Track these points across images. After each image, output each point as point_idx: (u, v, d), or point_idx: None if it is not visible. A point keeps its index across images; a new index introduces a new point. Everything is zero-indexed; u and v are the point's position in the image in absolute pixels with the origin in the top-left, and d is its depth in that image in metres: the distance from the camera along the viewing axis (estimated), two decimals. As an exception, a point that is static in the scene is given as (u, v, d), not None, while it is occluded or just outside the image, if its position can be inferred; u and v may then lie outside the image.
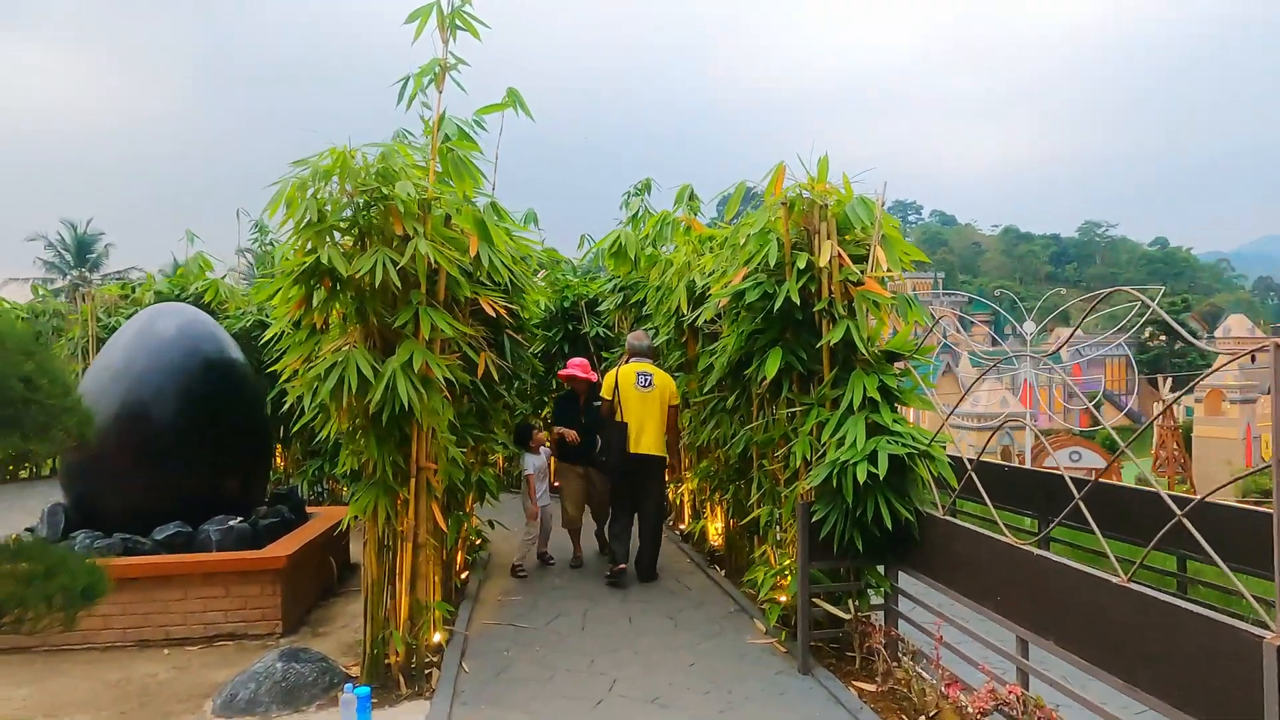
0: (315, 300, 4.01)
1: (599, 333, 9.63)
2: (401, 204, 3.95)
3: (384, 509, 4.11)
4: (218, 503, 5.58)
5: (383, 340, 4.14)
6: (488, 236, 4.34)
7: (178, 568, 4.93)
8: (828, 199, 4.63)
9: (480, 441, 5.67)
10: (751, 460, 5.54)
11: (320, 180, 3.93)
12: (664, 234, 6.92)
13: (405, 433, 4.15)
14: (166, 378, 5.48)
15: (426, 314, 3.98)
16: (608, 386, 6.18)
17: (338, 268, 3.76)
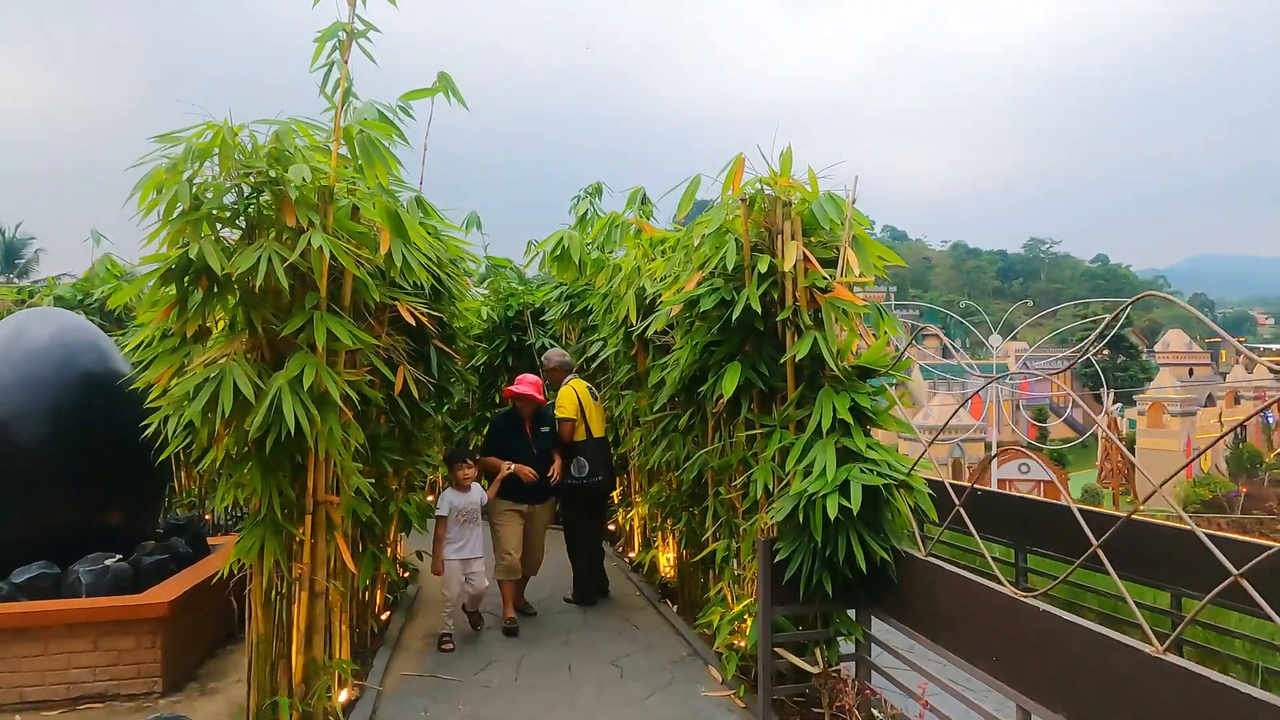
0: (190, 304, 3.35)
1: (545, 344, 9.01)
2: (295, 190, 3.33)
3: (273, 552, 3.46)
4: (95, 538, 4.84)
5: (273, 352, 3.50)
6: (403, 232, 3.74)
7: (34, 618, 4.19)
8: (791, 195, 4.14)
9: (403, 466, 5.04)
10: (707, 486, 5.00)
11: (195, 161, 3.29)
12: (613, 237, 6.37)
13: (299, 461, 3.51)
14: (34, 392, 4.73)
15: (322, 321, 3.35)
16: (571, 404, 5.84)
17: (212, 265, 3.12)
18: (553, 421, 5.68)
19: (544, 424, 5.67)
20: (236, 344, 3.30)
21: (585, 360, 7.29)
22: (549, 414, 5.72)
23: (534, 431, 5.62)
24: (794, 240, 3.93)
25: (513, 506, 5.49)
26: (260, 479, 3.32)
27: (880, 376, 3.82)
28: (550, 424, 5.67)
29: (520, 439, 5.54)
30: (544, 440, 5.64)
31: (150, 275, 3.23)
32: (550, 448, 5.63)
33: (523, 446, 5.53)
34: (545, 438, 5.64)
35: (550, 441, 5.65)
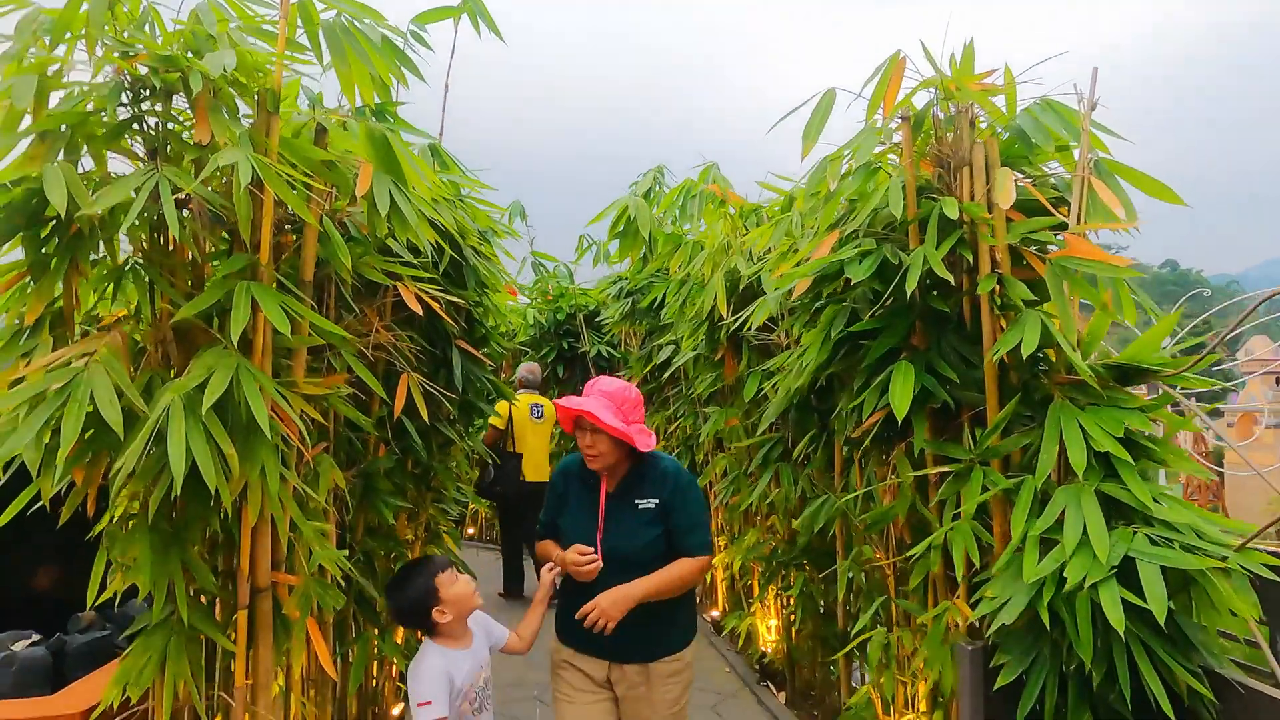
0: (50, 268, 2.07)
1: (601, 351, 7.69)
2: (202, 83, 2.03)
3: (181, 674, 2.14)
4: (14, 609, 3.62)
5: (182, 348, 2.20)
6: (394, 166, 2.42)
7: (-107, 737, 2.96)
8: (980, 105, 2.72)
9: (416, 514, 3.72)
10: (836, 540, 3.57)
11: (39, 34, 2.01)
12: (688, 210, 5.00)
13: (221, 527, 2.19)
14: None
15: (246, 295, 2.03)
16: (502, 418, 6.19)
17: (52, 200, 1.83)
18: (665, 487, 2.55)
19: (643, 487, 2.56)
20: (112, 336, 2.00)
21: (652, 370, 5.92)
22: (657, 471, 2.58)
23: (618, 499, 2.57)
24: (1000, 170, 2.51)
25: (577, 661, 2.58)
26: (150, 559, 2.00)
27: (1163, 382, 2.34)
28: (661, 492, 2.54)
29: (586, 506, 2.60)
30: (632, 519, 2.53)
31: (-34, 225, 1.94)
32: (649, 540, 2.51)
33: (586, 521, 2.58)
34: (637, 516, 2.53)
35: (650, 525, 2.52)
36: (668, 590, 2.47)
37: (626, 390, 2.57)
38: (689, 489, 2.58)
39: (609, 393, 2.54)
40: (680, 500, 2.54)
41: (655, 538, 2.51)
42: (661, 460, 2.63)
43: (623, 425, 2.46)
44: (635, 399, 2.58)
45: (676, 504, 2.53)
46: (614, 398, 2.53)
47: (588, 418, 2.47)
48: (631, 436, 2.47)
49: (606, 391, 2.55)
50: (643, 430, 2.55)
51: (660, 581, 2.46)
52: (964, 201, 2.60)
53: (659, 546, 2.51)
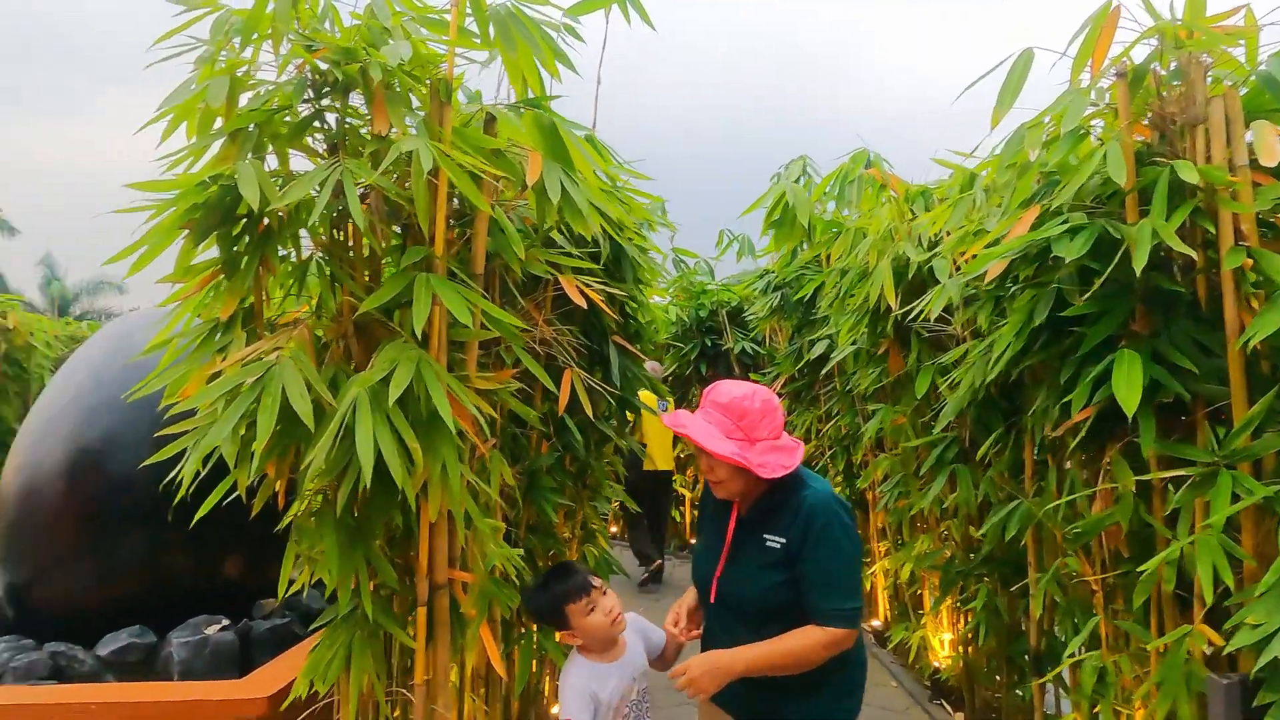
0: (243, 266, 2.11)
1: (745, 348, 7.50)
2: (382, 74, 2.01)
3: (365, 668, 2.14)
4: (204, 595, 3.84)
5: (362, 343, 2.20)
6: (563, 153, 2.34)
7: (105, 712, 3.16)
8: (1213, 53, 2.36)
9: (576, 510, 3.67)
10: (1027, 551, 3.24)
11: (232, 36, 2.05)
12: (845, 196, 4.74)
13: (402, 522, 2.18)
14: (131, 414, 3.80)
15: (427, 288, 2.00)
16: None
17: (246, 196, 1.84)
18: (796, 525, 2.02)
19: (773, 519, 2.06)
20: (300, 331, 2.01)
21: (805, 366, 5.68)
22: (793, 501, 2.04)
23: (748, 530, 2.11)
24: (1259, 124, 2.16)
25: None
26: (336, 554, 2.00)
27: None
28: (790, 530, 2.02)
29: (715, 533, 2.19)
30: (755, 557, 2.06)
31: (166, 223, 2.00)
32: (766, 588, 2.03)
33: (711, 552, 2.19)
34: (761, 555, 2.05)
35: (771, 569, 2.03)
36: (778, 667, 1.94)
37: (748, 399, 2.00)
38: (826, 532, 1.96)
39: (724, 405, 2.00)
40: (812, 546, 1.96)
41: (774, 585, 1.99)
42: (804, 487, 2.04)
43: (733, 450, 1.94)
44: (761, 409, 2.00)
45: (807, 550, 1.96)
46: (730, 410, 1.99)
47: (690, 442, 2.01)
48: (748, 463, 1.94)
49: (720, 404, 2.01)
50: (773, 448, 2.00)
51: (768, 655, 1.93)
52: (1199, 161, 2.26)
53: (780, 597, 1.99)
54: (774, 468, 1.97)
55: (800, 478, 2.06)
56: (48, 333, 9.83)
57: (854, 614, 1.97)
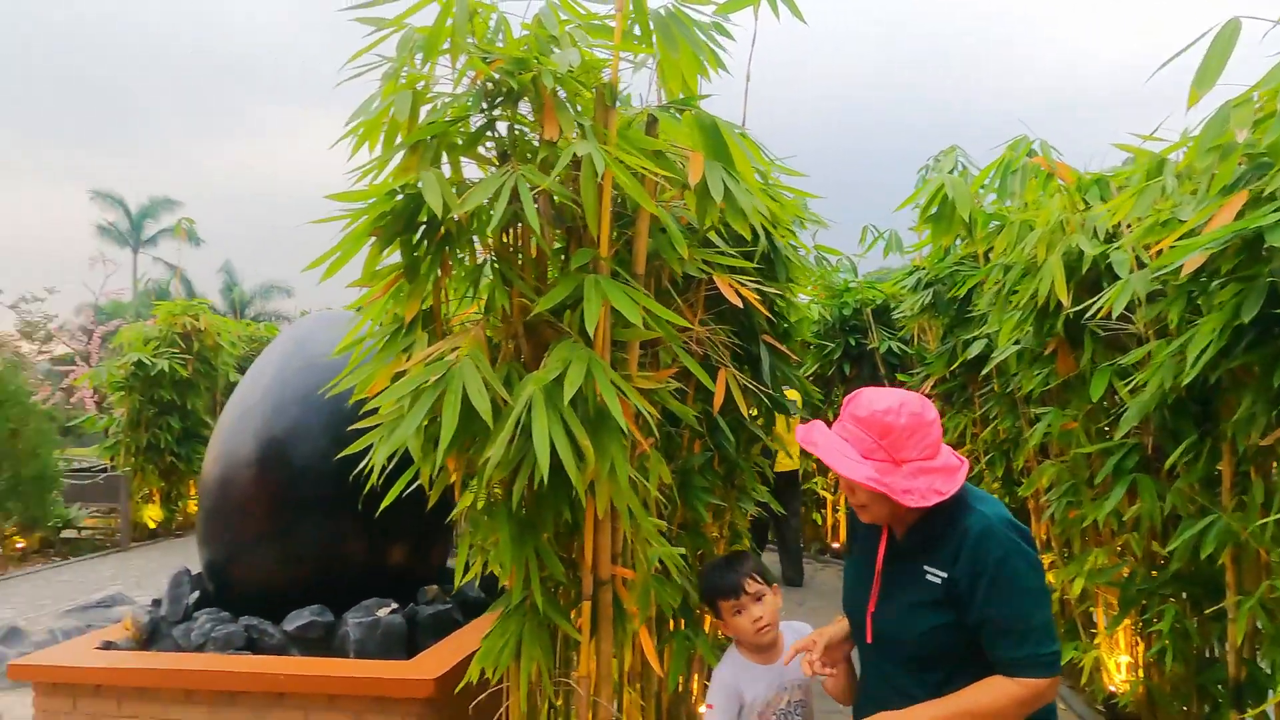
0: (421, 271, 2.24)
1: (892, 347, 7.26)
2: (554, 82, 2.07)
3: (535, 657, 2.21)
4: (374, 579, 4.09)
5: (530, 342, 2.28)
6: (724, 153, 2.33)
7: (293, 682, 3.44)
8: None
9: (724, 510, 3.65)
10: (1224, 571, 2.96)
11: (414, 53, 2.17)
12: (1007, 187, 4.48)
13: (570, 517, 2.23)
14: (311, 408, 4.11)
15: (597, 290, 2.04)
16: None
17: (430, 204, 1.95)
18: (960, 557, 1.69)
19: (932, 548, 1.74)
20: (475, 332, 2.10)
21: (959, 366, 5.43)
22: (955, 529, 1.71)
23: (903, 559, 1.79)
24: None
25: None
26: (510, 546, 2.08)
27: None
28: (951, 565, 1.70)
29: (865, 561, 1.88)
30: (912, 592, 1.75)
31: (358, 231, 2.14)
32: (925, 630, 1.72)
33: (860, 582, 1.89)
34: (918, 590, 1.74)
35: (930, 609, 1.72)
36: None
37: (892, 414, 1.68)
38: (1005, 567, 1.63)
39: (863, 419, 1.70)
40: (990, 587, 1.63)
41: (935, 629, 1.69)
42: (968, 512, 1.69)
43: (869, 474, 1.65)
44: (909, 425, 1.67)
45: (983, 592, 1.64)
46: (870, 426, 1.68)
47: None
48: (889, 489, 1.64)
49: (859, 418, 1.71)
50: (924, 470, 1.67)
51: (950, 714, 1.64)
52: None
53: (942, 641, 1.69)
54: (923, 494, 1.64)
55: (964, 500, 1.71)
56: (231, 333, 10.80)
57: (1053, 659, 1.63)
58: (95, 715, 3.65)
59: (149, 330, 10.00)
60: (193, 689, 3.53)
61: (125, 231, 31.38)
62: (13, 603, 7.04)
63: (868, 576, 1.83)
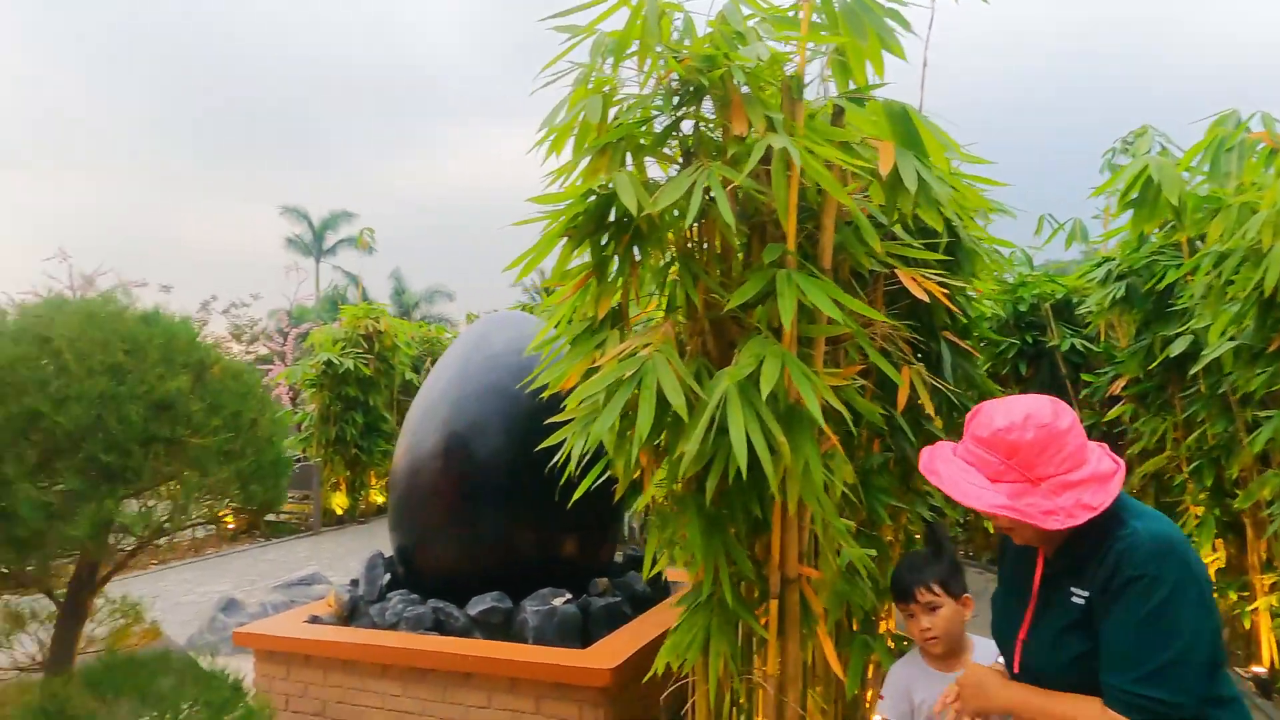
0: (608, 270, 2.30)
1: (1074, 345, 6.75)
2: (743, 77, 2.07)
3: (722, 652, 2.22)
4: (546, 569, 4.25)
5: (716, 338, 2.28)
6: (916, 142, 2.25)
7: (479, 664, 3.62)
8: None
9: (900, 512, 3.52)
10: None
11: (604, 57, 2.23)
12: (1220, 167, 4.05)
13: (759, 514, 2.22)
14: (491, 402, 4.32)
15: (790, 285, 2.01)
16: None
17: (624, 203, 1.99)
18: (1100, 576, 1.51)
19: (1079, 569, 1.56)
20: (665, 328, 2.14)
21: (1157, 366, 4.97)
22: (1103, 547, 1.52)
23: (1053, 583, 1.63)
24: None
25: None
26: (700, 540, 2.09)
27: None
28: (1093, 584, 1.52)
29: (1018, 586, 1.72)
30: (1058, 618, 1.59)
31: (553, 233, 2.23)
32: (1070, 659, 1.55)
33: (1012, 611, 1.72)
34: (1065, 614, 1.57)
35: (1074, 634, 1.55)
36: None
37: (1015, 430, 1.50)
38: (1134, 586, 1.44)
39: (985, 440, 1.53)
40: (1119, 608, 1.45)
41: (1079, 657, 1.52)
42: (1120, 526, 1.50)
43: (998, 501, 1.49)
44: (1039, 440, 1.49)
45: (1113, 612, 1.47)
46: (994, 446, 1.52)
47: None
48: (1024, 514, 1.47)
49: (981, 438, 1.54)
50: (1067, 485, 1.48)
51: (1036, 706, 1.54)
52: None
53: (1086, 670, 1.51)
54: (1069, 512, 1.46)
55: (1117, 514, 1.50)
56: (407, 334, 11.55)
57: (1146, 706, 1.39)
58: (305, 683, 4.00)
59: (335, 332, 10.87)
60: (388, 664, 3.80)
61: (309, 242, 34.24)
62: (228, 577, 7.86)
63: (1019, 602, 1.69)
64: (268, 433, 2.32)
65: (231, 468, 2.12)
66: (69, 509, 1.91)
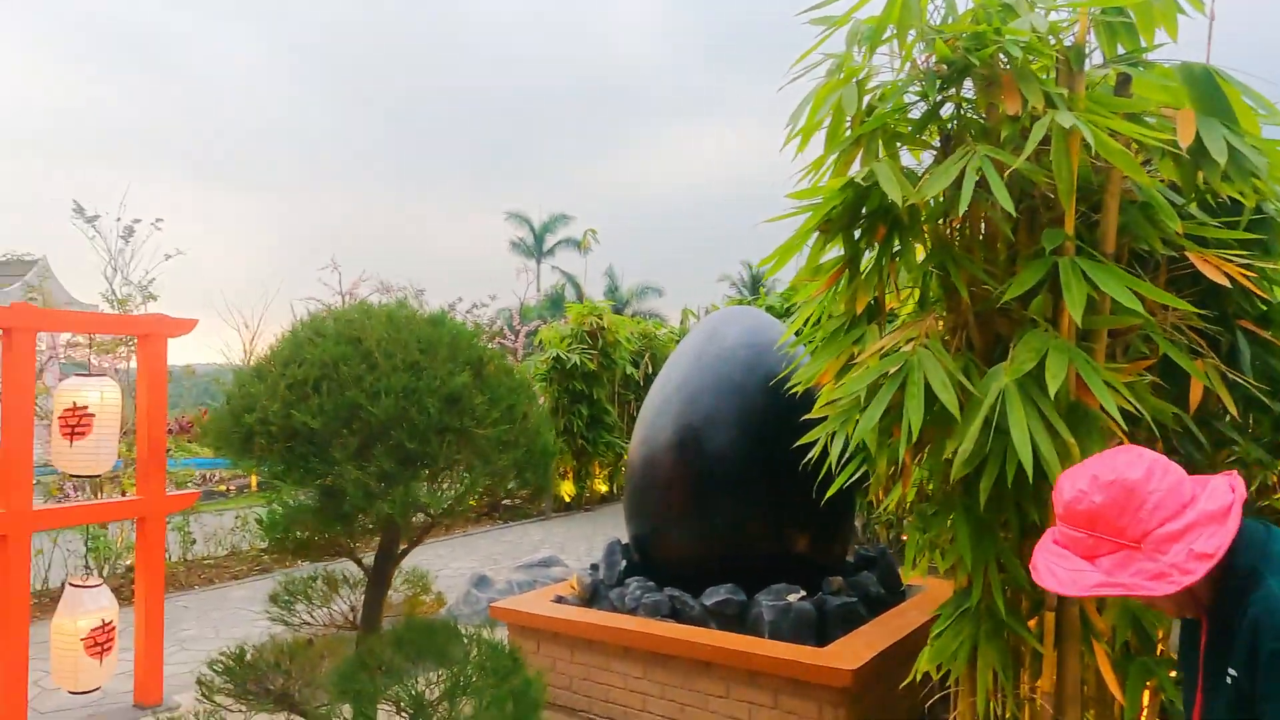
0: (862, 264, 2.25)
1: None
2: (1017, 51, 1.93)
3: (990, 663, 2.10)
4: (778, 564, 4.24)
5: (985, 335, 2.16)
6: (1222, 107, 1.99)
7: (718, 654, 3.69)
8: None
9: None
10: None
11: (860, 46, 2.17)
12: None
13: (1034, 518, 2.07)
14: (723, 396, 4.38)
15: (1075, 273, 1.86)
16: None
17: (888, 193, 1.93)
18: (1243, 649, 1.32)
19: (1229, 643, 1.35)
20: (928, 322, 2.05)
21: None
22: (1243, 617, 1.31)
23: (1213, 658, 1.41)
24: None
25: None
26: (968, 543, 1.99)
27: None
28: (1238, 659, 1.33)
29: (1189, 663, 1.52)
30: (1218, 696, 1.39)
31: (806, 227, 2.21)
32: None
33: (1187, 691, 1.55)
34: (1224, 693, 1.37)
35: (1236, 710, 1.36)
36: None
37: (1084, 497, 1.36)
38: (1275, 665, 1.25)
39: (1065, 517, 1.39)
40: (1267, 688, 1.27)
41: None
42: (1257, 585, 1.29)
43: (1099, 580, 1.32)
44: (1113, 499, 1.33)
45: (1263, 693, 1.28)
46: (1074, 520, 1.37)
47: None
48: (1134, 586, 1.30)
49: (1062, 517, 1.40)
50: (1171, 536, 1.29)
51: None
52: None
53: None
54: (1182, 569, 1.27)
55: (1255, 571, 1.30)
56: (626, 330, 11.99)
57: None
58: (553, 658, 4.29)
59: (562, 329, 11.52)
60: (630, 647, 3.97)
61: (530, 245, 36.49)
62: (474, 556, 8.60)
63: (1190, 682, 1.49)
64: (536, 424, 2.49)
65: (509, 456, 2.30)
66: (381, 489, 2.16)
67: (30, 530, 3.93)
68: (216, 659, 2.41)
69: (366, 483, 2.11)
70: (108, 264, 7.44)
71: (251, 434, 2.19)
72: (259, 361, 2.36)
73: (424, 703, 2.14)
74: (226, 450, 2.24)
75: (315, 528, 2.35)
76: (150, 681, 4.39)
